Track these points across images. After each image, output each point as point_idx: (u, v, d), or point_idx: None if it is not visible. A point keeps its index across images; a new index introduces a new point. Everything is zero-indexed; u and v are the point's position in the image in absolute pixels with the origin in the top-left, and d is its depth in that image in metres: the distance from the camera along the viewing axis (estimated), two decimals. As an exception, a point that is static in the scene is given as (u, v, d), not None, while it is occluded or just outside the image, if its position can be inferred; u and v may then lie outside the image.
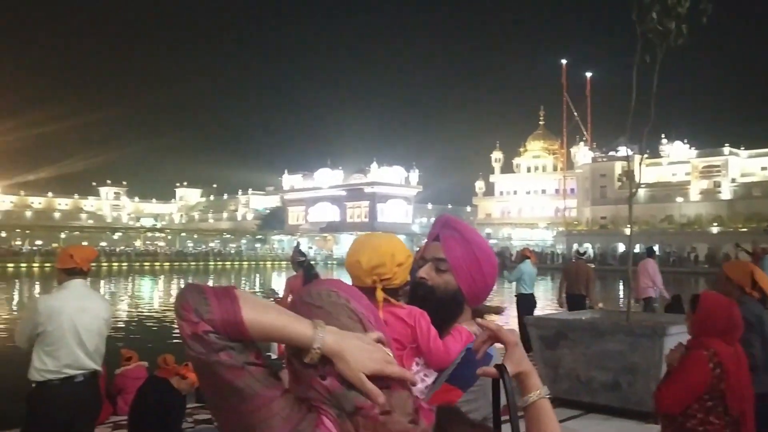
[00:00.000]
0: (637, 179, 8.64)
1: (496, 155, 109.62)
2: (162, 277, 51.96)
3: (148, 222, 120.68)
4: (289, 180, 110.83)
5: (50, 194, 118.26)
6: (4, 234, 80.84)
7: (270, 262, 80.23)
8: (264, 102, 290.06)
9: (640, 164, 7.95)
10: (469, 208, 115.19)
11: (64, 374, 3.78)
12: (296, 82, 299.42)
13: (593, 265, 12.24)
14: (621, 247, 68.66)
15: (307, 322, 0.98)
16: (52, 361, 3.77)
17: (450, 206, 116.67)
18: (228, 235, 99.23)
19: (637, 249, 19.33)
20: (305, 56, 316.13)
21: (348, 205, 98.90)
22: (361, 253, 1.74)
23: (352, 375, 0.94)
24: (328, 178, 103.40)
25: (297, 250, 8.96)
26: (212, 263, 75.20)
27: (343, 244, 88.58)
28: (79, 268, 3.99)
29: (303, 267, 8.33)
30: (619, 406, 6.30)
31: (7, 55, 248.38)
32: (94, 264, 4.32)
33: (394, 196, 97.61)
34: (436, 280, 1.71)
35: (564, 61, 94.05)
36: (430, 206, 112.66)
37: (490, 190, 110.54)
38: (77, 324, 3.83)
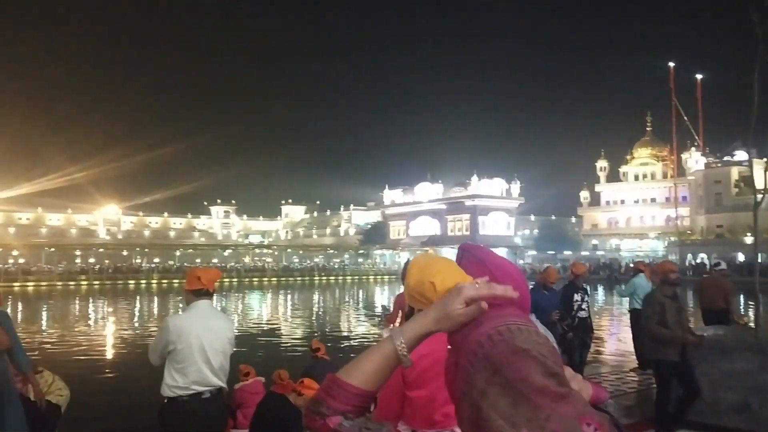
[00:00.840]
0: (759, 185, 8.03)
1: (602, 164, 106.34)
2: (270, 292, 53.63)
3: (255, 239, 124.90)
4: (389, 195, 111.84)
5: (166, 214, 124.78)
6: (125, 252, 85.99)
7: (372, 277, 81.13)
8: (364, 119, 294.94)
9: (766, 170, 7.51)
10: (573, 219, 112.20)
11: (192, 390, 3.93)
12: (395, 98, 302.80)
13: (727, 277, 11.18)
14: (740, 257, 64.72)
15: (385, 337, 1.05)
16: (182, 378, 3.93)
17: (554, 217, 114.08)
18: (331, 251, 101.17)
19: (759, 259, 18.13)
20: (404, 72, 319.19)
21: (449, 218, 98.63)
22: (435, 274, 1.65)
23: (462, 310, 1.05)
24: (428, 191, 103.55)
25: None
26: (317, 278, 76.88)
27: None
28: (206, 289, 4.14)
29: None
30: (748, 429, 5.93)
31: (124, 83, 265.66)
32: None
33: (496, 209, 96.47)
34: None
35: (672, 64, 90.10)
36: (532, 218, 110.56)
37: (595, 200, 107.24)
38: (204, 343, 3.98)
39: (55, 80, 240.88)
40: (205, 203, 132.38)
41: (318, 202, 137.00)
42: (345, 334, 22.58)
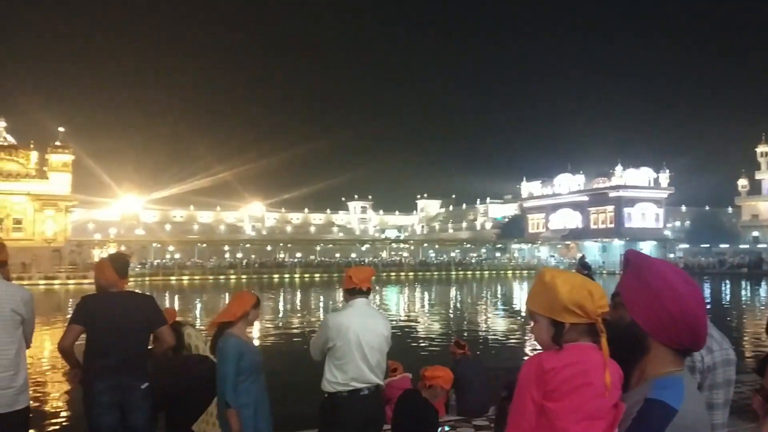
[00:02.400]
0: None
1: (763, 149, 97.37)
2: (407, 286, 53.61)
3: (392, 233, 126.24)
4: (527, 187, 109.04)
5: (306, 210, 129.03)
6: (269, 248, 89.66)
7: (510, 271, 79.35)
8: (500, 110, 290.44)
9: None
10: (730, 210, 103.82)
11: (351, 387, 4.01)
12: (532, 88, 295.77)
13: None
14: None
15: None
16: (341, 375, 4.01)
17: (707, 208, 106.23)
18: (468, 245, 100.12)
19: None
20: (540, 60, 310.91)
21: (591, 210, 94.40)
22: (586, 283, 1.73)
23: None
24: (569, 183, 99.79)
25: (582, 263, 8.21)
26: (454, 273, 76.26)
27: (588, 252, 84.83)
28: (359, 288, 4.21)
29: None
30: None
31: (266, 86, 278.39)
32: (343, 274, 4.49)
33: (642, 200, 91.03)
34: (612, 315, 1.77)
35: None
36: (684, 209, 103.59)
37: (756, 189, 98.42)
38: (362, 340, 4.05)
39: (203, 85, 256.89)
40: (343, 199, 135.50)
41: (453, 196, 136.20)
42: (484, 330, 21.84)
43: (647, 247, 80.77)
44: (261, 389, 4.17)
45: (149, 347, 4.39)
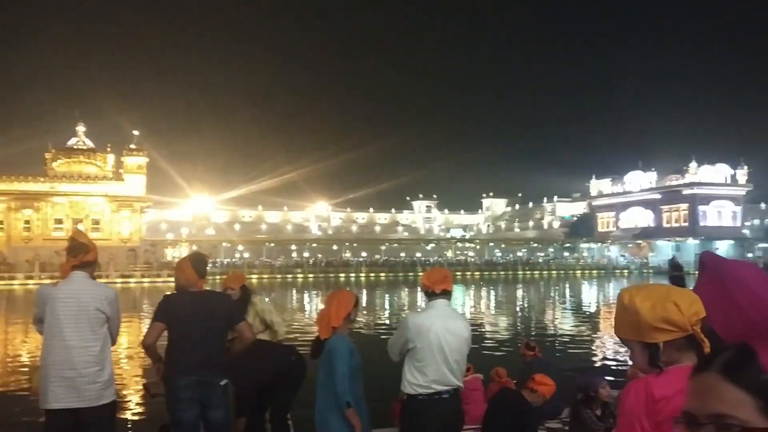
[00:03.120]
0: None
1: None
2: (473, 286, 53.20)
3: (457, 233, 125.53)
4: (596, 185, 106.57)
5: (371, 210, 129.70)
6: (335, 247, 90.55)
7: (579, 271, 77.70)
8: (567, 106, 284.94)
9: None
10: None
11: (432, 389, 3.95)
12: (601, 83, 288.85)
13: None
14: None
15: None
16: (422, 377, 3.96)
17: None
18: (535, 244, 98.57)
19: None
20: (608, 55, 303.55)
21: (663, 209, 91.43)
22: (671, 295, 1.60)
23: None
24: (640, 180, 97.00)
25: (672, 264, 7.98)
26: (520, 272, 75.23)
27: (660, 251, 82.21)
28: (433, 290, 4.16)
29: (672, 281, 7.28)
30: None
31: (332, 87, 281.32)
32: (410, 274, 4.36)
33: (719, 197, 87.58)
34: None
35: None
36: (763, 206, 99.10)
37: None
38: (442, 342, 3.98)
39: (272, 88, 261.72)
40: (408, 198, 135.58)
41: (520, 195, 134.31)
42: (553, 331, 21.42)
43: (723, 247, 77.72)
44: (361, 388, 4.19)
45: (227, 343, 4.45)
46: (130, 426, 9.04)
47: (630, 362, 1.63)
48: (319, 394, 4.00)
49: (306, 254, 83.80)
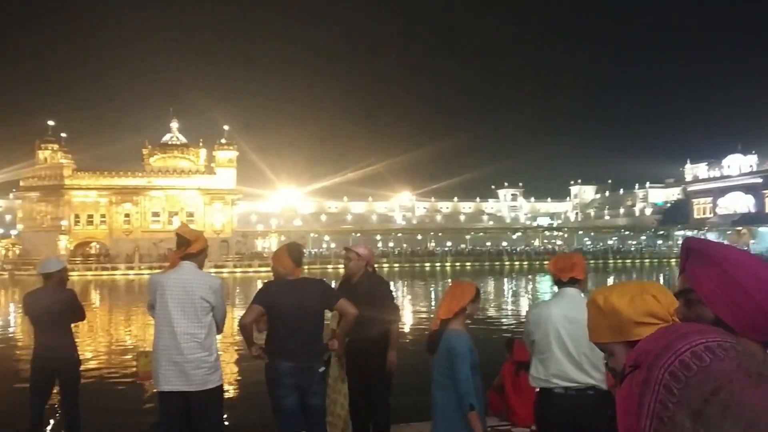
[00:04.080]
0: None
1: None
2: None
3: (544, 221, 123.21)
4: (691, 170, 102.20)
5: (455, 199, 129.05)
6: (420, 237, 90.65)
7: (674, 260, 74.64)
8: (660, 88, 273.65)
9: None
10: None
11: (552, 384, 3.70)
12: (695, 62, 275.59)
13: None
14: None
15: None
16: (543, 370, 3.76)
17: None
18: (626, 232, 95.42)
19: None
20: (704, 31, 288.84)
21: (766, 193, 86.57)
22: (647, 287, 1.60)
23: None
24: (740, 164, 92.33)
25: None
26: (611, 261, 73.11)
27: (762, 239, 77.92)
28: (559, 278, 3.89)
29: None
30: None
31: (411, 80, 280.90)
32: (496, 263, 4.08)
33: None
34: (687, 315, 1.45)
35: None
36: None
37: None
38: (563, 334, 3.69)
39: (357, 81, 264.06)
40: (493, 187, 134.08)
41: (609, 181, 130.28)
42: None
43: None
44: (481, 384, 4.02)
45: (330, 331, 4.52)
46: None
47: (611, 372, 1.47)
48: (438, 394, 3.83)
49: (391, 244, 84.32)
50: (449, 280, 45.82)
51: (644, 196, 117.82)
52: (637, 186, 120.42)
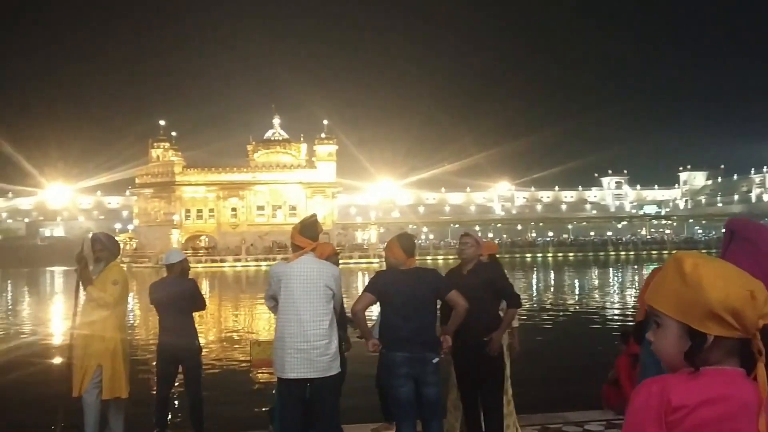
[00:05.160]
0: None
1: None
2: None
3: (650, 209, 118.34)
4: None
5: (556, 188, 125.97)
6: (520, 227, 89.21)
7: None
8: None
9: None
10: None
11: None
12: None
13: None
14: None
15: None
16: None
17: None
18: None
19: None
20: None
21: None
22: (747, 279, 1.22)
23: None
24: None
25: None
26: (726, 251, 69.25)
27: None
28: None
29: None
30: None
31: (516, 71, 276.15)
32: (601, 254, 3.80)
33: None
34: None
35: None
36: None
37: None
38: None
39: (455, 72, 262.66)
40: (596, 175, 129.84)
41: (722, 166, 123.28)
42: None
43: None
44: None
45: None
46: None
47: (651, 343, 1.23)
48: None
49: (490, 235, 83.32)
50: (551, 271, 44.77)
51: (762, 181, 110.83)
52: (752, 171, 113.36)
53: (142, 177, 73.13)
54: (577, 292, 30.23)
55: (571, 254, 68.16)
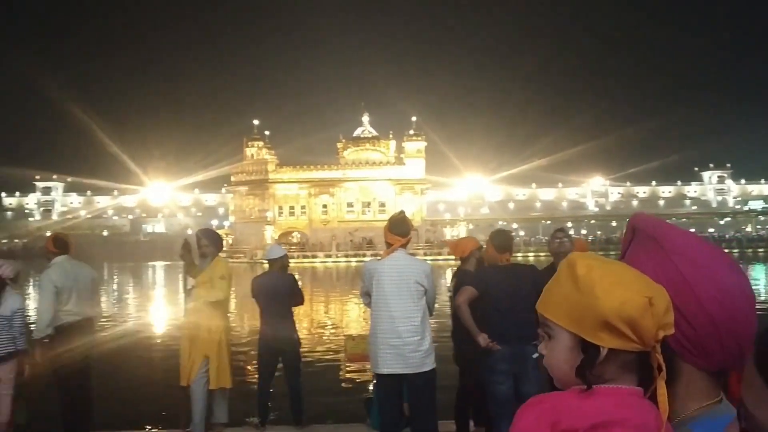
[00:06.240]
0: None
1: None
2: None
3: (757, 205, 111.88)
4: None
5: (653, 183, 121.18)
6: (614, 223, 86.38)
7: None
8: None
9: None
10: None
11: None
12: None
13: None
14: None
15: None
16: None
17: None
18: None
19: None
20: None
21: None
22: (647, 284, 0.98)
23: None
24: None
25: None
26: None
27: None
28: None
29: None
30: None
31: (609, 66, 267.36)
32: None
33: None
34: None
35: None
36: None
37: None
38: None
39: (545, 68, 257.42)
40: (696, 169, 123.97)
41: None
42: None
43: None
44: None
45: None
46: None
47: (539, 353, 1.06)
48: None
49: (583, 231, 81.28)
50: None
51: None
52: None
53: (237, 175, 75.57)
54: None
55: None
